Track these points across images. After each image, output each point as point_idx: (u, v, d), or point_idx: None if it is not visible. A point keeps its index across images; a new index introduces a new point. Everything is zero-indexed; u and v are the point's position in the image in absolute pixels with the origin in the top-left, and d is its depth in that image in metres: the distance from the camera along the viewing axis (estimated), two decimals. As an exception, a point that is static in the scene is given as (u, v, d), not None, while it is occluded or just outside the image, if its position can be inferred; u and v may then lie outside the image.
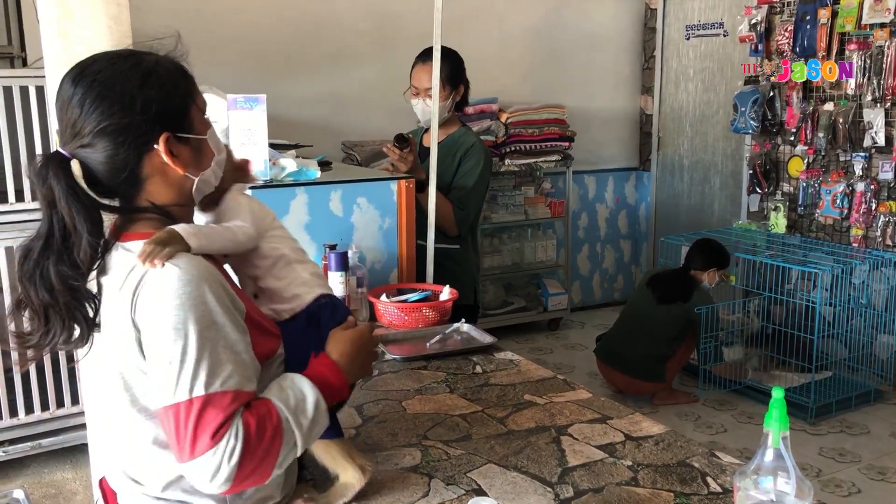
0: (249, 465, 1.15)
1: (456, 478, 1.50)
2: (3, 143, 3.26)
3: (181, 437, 1.13)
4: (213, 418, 1.12)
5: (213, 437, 1.12)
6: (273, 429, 1.18)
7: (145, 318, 1.17)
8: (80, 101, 1.19)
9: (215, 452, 1.12)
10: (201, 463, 1.12)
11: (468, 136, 3.04)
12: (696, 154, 5.59)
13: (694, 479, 1.49)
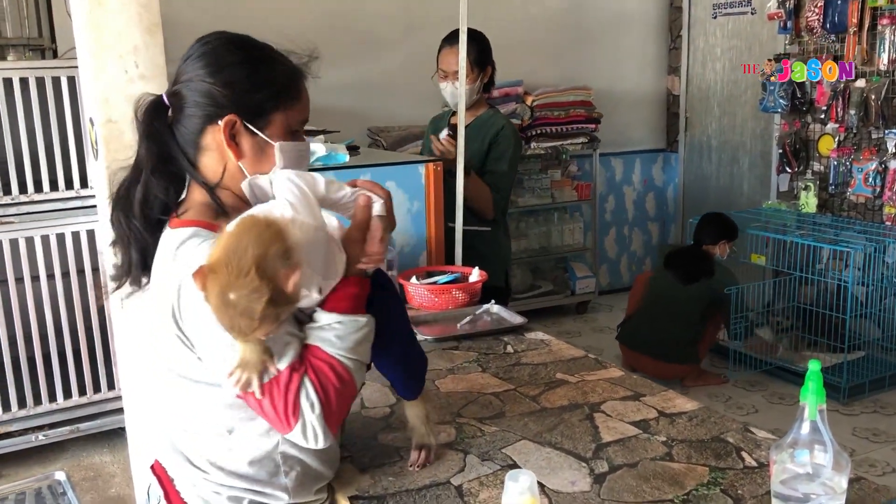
0: (331, 408, 1.18)
1: (491, 454, 1.52)
2: (36, 133, 3.31)
3: (264, 414, 1.19)
4: (278, 397, 1.16)
5: (295, 413, 1.16)
6: (328, 365, 1.19)
7: (189, 315, 1.19)
8: (188, 56, 1.30)
9: (301, 422, 1.17)
10: (297, 434, 1.18)
11: (497, 119, 3.05)
12: (725, 134, 5.54)
13: (729, 454, 1.50)
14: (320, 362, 1.20)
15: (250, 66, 1.29)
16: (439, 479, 1.43)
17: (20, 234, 3.30)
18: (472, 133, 2.91)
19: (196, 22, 3.88)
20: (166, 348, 1.26)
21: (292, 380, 1.17)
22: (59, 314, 3.43)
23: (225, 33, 1.33)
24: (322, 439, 1.20)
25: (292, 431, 1.18)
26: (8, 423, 3.38)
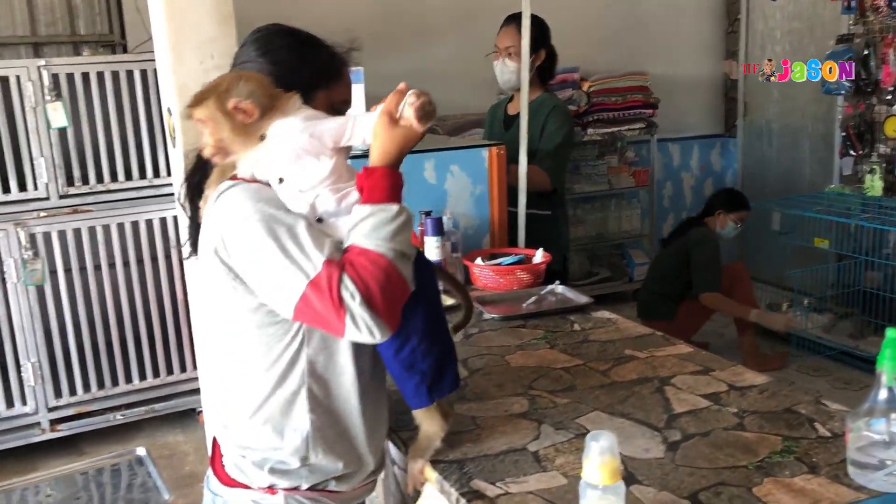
0: (374, 299, 1.20)
1: (564, 423, 1.56)
2: (111, 125, 3.45)
3: (321, 321, 1.22)
4: (323, 294, 1.19)
5: (341, 306, 1.19)
6: (365, 256, 1.22)
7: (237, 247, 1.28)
8: (243, 43, 1.46)
9: (348, 314, 1.19)
10: (350, 328, 1.20)
11: (548, 101, 3.13)
12: (785, 118, 5.45)
13: (801, 425, 1.51)
14: (356, 255, 1.23)
15: (296, 48, 1.42)
16: (515, 445, 1.48)
17: (97, 222, 3.45)
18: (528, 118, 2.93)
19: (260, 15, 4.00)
20: (218, 297, 1.35)
21: (331, 275, 1.20)
22: (134, 300, 3.57)
23: (276, 24, 1.47)
24: (376, 330, 1.20)
25: (346, 328, 1.20)
26: (88, 403, 3.54)
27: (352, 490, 1.42)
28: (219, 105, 1.29)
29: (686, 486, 1.32)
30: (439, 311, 1.45)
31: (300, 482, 1.36)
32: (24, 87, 3.27)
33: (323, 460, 1.36)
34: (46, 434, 3.49)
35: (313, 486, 1.37)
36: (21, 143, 3.31)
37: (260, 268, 1.25)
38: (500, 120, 3.34)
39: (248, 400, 1.35)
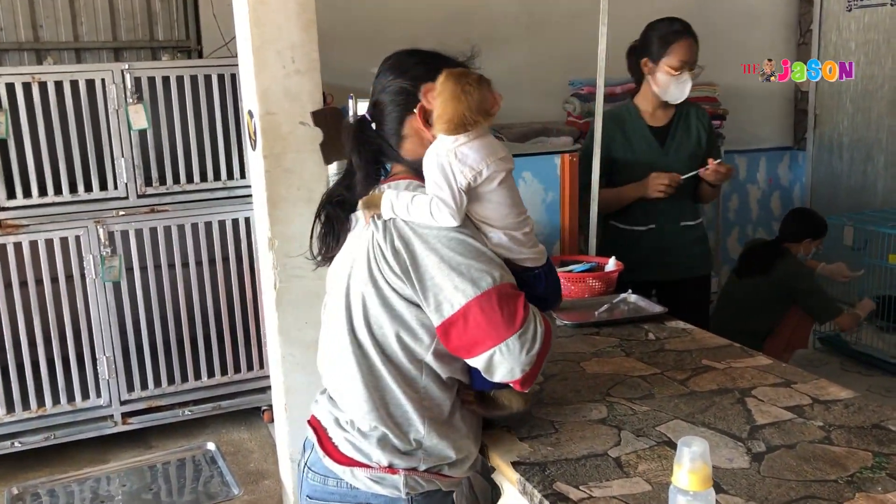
0: (545, 346, 1.38)
1: (645, 430, 1.55)
2: (189, 128, 3.55)
3: (503, 314, 1.33)
4: (519, 295, 1.36)
5: (525, 307, 1.35)
6: (548, 324, 1.41)
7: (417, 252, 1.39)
8: (377, 74, 1.57)
9: (530, 321, 1.35)
10: (523, 334, 1.34)
11: (695, 106, 3.10)
12: (858, 132, 5.32)
13: (892, 441, 1.48)
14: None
15: (429, 62, 1.52)
16: (596, 450, 1.48)
17: (173, 221, 3.55)
18: (682, 130, 2.92)
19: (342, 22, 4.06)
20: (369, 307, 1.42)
21: (520, 295, 1.37)
22: (205, 298, 3.66)
23: (401, 50, 1.60)
24: (534, 353, 1.34)
25: (518, 331, 1.33)
26: (158, 398, 3.63)
27: (461, 476, 1.51)
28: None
29: (774, 497, 1.30)
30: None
31: (417, 464, 1.44)
32: (108, 89, 3.38)
33: (438, 445, 1.45)
34: (118, 427, 3.59)
35: (429, 468, 1.45)
36: (103, 143, 3.43)
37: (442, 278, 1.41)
38: (641, 135, 2.90)
39: (373, 383, 1.43)
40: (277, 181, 2.51)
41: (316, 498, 1.48)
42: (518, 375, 1.36)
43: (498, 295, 1.34)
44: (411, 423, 1.43)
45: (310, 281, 2.51)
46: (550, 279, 1.53)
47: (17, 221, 3.35)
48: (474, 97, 1.42)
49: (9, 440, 3.44)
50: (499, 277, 1.36)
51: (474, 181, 1.41)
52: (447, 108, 1.42)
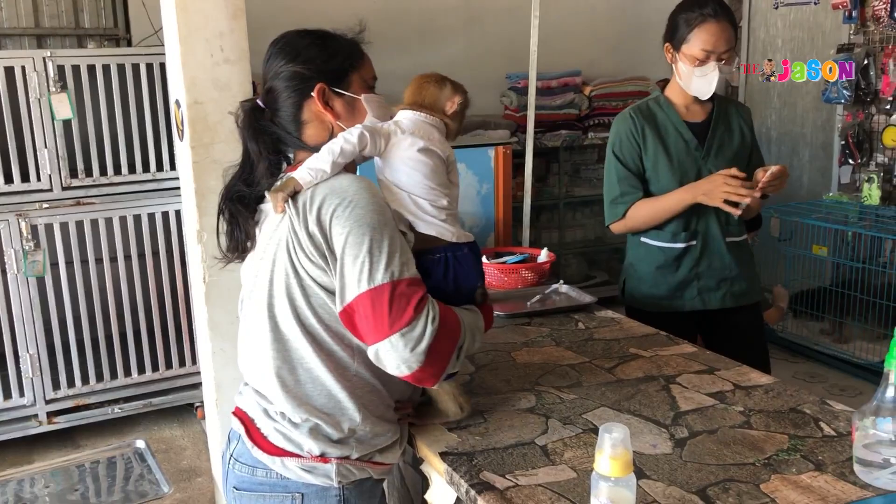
0: (440, 344, 1.34)
1: (572, 418, 1.57)
2: (116, 118, 3.45)
3: (391, 311, 1.31)
4: (415, 293, 1.33)
5: (417, 307, 1.32)
6: (454, 321, 1.39)
7: (329, 226, 1.36)
8: (266, 59, 1.52)
9: (418, 320, 1.31)
10: (407, 332, 1.31)
11: (731, 101, 2.60)
12: (785, 125, 5.48)
13: (807, 424, 1.53)
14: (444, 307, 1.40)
15: (320, 43, 1.50)
16: (524, 439, 1.49)
17: (100, 214, 3.45)
18: (723, 126, 2.39)
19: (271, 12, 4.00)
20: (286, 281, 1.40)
21: (416, 294, 1.34)
22: (135, 293, 3.57)
23: (288, 31, 1.54)
24: (420, 350, 1.31)
25: (401, 329, 1.30)
26: (86, 396, 3.53)
27: (392, 462, 1.50)
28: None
29: (695, 481, 1.33)
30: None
31: (350, 452, 1.43)
32: (29, 77, 3.27)
33: (371, 432, 1.44)
34: (44, 426, 3.48)
35: (361, 456, 1.44)
36: (25, 133, 3.31)
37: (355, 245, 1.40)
38: (677, 132, 2.36)
39: (303, 375, 1.42)
40: (206, 172, 2.46)
41: (243, 489, 1.46)
42: (406, 372, 1.34)
43: (391, 291, 1.32)
44: (344, 412, 1.41)
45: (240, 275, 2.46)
46: (458, 272, 1.49)
47: (-67, 215, 3.21)
48: (430, 91, 1.57)
49: (-74, 442, 3.31)
50: (398, 273, 1.33)
51: (399, 133, 1.50)
52: (406, 98, 1.58)
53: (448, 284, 1.48)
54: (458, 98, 1.60)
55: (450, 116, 1.60)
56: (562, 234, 5.18)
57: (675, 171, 2.31)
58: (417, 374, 1.34)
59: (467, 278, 1.51)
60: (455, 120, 1.62)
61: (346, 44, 1.52)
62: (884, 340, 4.14)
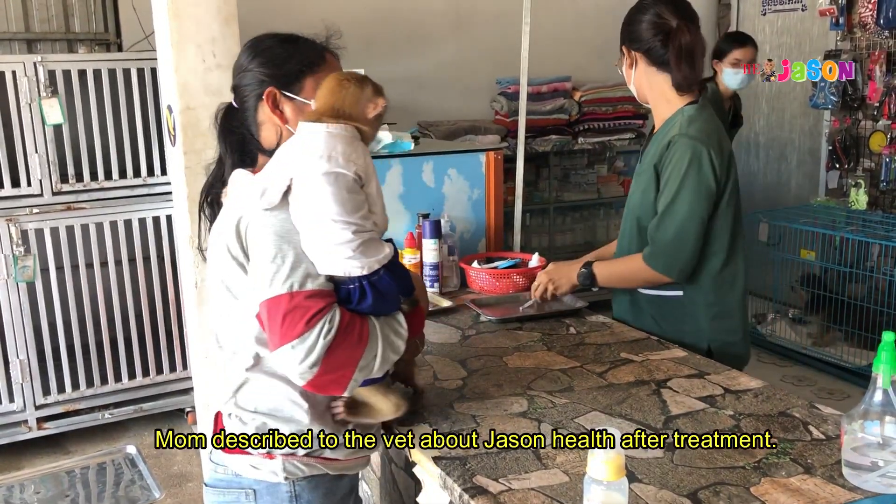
0: (336, 355, 1.32)
1: (563, 423, 1.58)
2: (107, 123, 3.44)
3: (283, 322, 1.30)
4: (312, 307, 1.31)
5: (310, 321, 1.30)
6: (361, 327, 1.36)
7: (246, 234, 1.38)
8: (238, 60, 1.55)
9: (310, 334, 1.29)
10: (298, 345, 1.30)
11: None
12: (773, 131, 5.52)
13: (796, 427, 1.54)
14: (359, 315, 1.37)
15: (278, 46, 1.52)
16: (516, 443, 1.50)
17: (91, 219, 3.44)
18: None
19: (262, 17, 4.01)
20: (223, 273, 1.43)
21: (313, 308, 1.31)
22: (125, 299, 3.56)
23: (262, 34, 1.56)
24: (310, 363, 1.30)
25: (292, 342, 1.29)
26: (76, 402, 3.52)
27: (346, 459, 1.49)
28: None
29: (686, 484, 1.34)
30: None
31: (296, 448, 1.43)
32: (19, 82, 3.26)
33: (319, 430, 1.43)
34: (33, 432, 3.47)
35: (309, 452, 1.44)
36: (15, 138, 3.30)
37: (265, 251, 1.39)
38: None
39: (248, 372, 1.44)
40: (198, 177, 2.44)
41: (211, 486, 1.50)
42: (300, 382, 1.34)
43: (287, 302, 1.31)
44: (291, 410, 1.43)
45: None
46: (376, 297, 1.38)
47: (-78, 220, 3.20)
48: (350, 92, 1.40)
49: (-85, 448, 3.29)
50: (298, 284, 1.32)
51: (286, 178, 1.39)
52: (319, 99, 1.42)
53: (368, 308, 1.39)
54: (382, 100, 1.44)
55: (369, 122, 1.43)
56: (552, 239, 5.20)
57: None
58: (314, 385, 1.34)
59: (387, 303, 1.42)
60: (373, 126, 1.46)
61: (306, 48, 1.52)
62: (871, 344, 4.17)
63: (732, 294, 2.08)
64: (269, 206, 1.37)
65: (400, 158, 2.56)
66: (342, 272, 1.35)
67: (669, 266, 2.00)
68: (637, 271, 2.06)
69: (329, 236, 1.33)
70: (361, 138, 1.42)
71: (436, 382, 1.80)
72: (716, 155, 1.96)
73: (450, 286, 2.54)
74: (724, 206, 2.01)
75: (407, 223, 2.57)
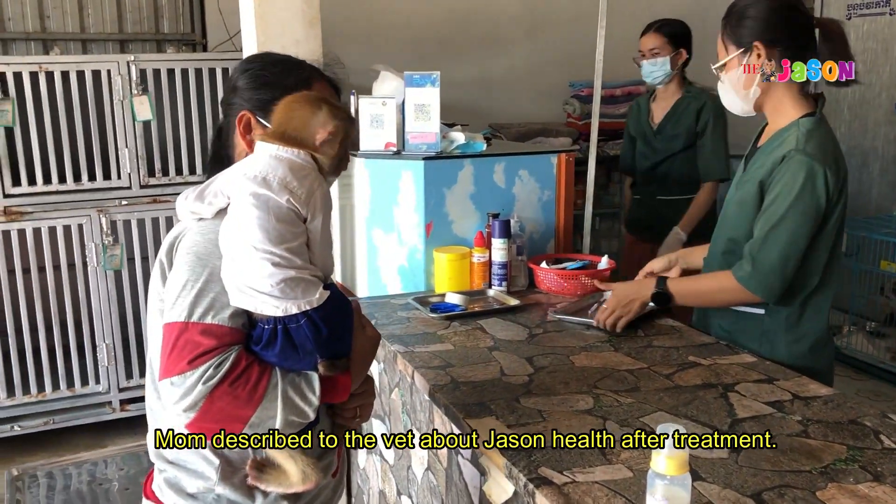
0: (219, 406, 1.18)
1: (629, 421, 1.60)
2: (192, 120, 3.60)
3: (171, 354, 1.19)
4: (201, 345, 1.19)
5: (193, 362, 1.17)
6: (258, 381, 1.20)
7: (174, 255, 1.31)
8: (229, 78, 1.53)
9: (192, 374, 1.16)
10: (178, 382, 1.17)
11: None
12: (855, 139, 5.37)
13: (867, 436, 1.53)
14: (263, 365, 1.23)
15: (258, 71, 1.47)
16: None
17: (174, 212, 3.58)
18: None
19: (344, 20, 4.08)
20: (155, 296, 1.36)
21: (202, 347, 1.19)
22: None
23: (258, 53, 1.57)
24: (185, 406, 1.17)
25: (170, 378, 1.18)
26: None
27: None
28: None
29: (750, 485, 1.35)
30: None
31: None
32: (113, 80, 3.44)
33: (230, 493, 1.34)
34: (116, 413, 3.65)
35: None
36: (108, 133, 3.48)
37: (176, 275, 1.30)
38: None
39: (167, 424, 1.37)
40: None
41: None
42: (180, 423, 1.21)
43: (179, 333, 1.19)
44: (201, 466, 1.34)
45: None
46: (286, 348, 1.22)
47: (21, 209, 3.40)
48: (298, 115, 1.29)
49: (9, 424, 3.50)
50: (198, 316, 1.20)
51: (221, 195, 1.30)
52: (273, 121, 1.33)
53: (273, 358, 1.24)
54: (333, 125, 1.29)
55: (320, 148, 1.29)
56: (622, 242, 5.17)
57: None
58: (192, 429, 1.21)
59: (296, 358, 1.25)
60: (327, 154, 1.30)
61: (292, 72, 1.45)
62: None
63: (818, 319, 2.00)
64: (197, 214, 1.30)
65: (472, 159, 2.61)
66: (254, 308, 1.21)
67: (769, 290, 1.91)
68: (726, 291, 1.98)
69: (247, 265, 1.20)
70: (319, 168, 1.30)
71: (503, 378, 1.85)
72: (831, 175, 1.87)
73: (517, 285, 2.58)
74: (830, 227, 1.93)
75: (477, 222, 2.61)
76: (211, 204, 1.29)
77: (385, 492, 2.47)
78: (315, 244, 1.27)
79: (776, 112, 2.02)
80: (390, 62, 4.08)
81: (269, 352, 1.22)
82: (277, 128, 1.30)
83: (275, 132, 1.30)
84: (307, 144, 1.28)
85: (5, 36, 3.97)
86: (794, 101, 1.99)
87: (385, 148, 2.62)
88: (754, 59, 1.97)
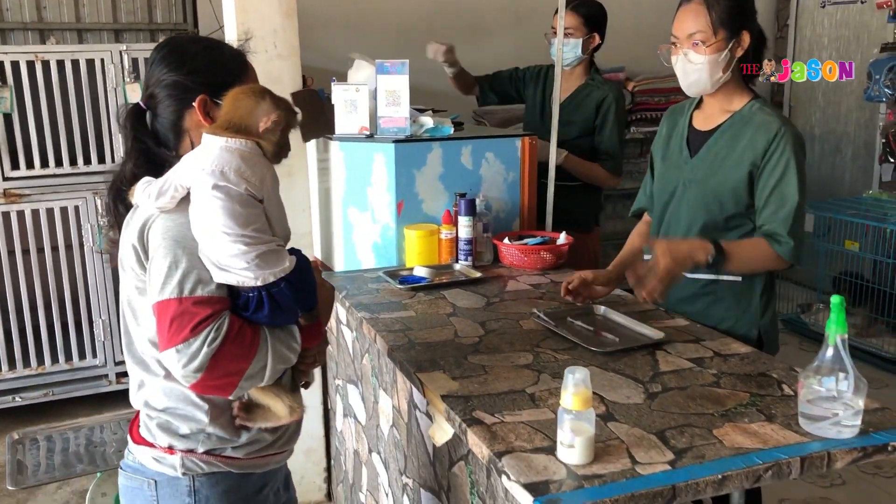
0: (222, 363, 1.34)
1: (561, 373, 1.76)
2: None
3: (171, 326, 1.33)
4: (199, 313, 1.33)
5: (196, 328, 1.32)
6: (252, 338, 1.38)
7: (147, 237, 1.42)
8: (150, 63, 1.56)
9: (196, 340, 1.31)
10: (182, 349, 1.32)
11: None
12: (828, 124, 5.54)
13: (770, 385, 1.71)
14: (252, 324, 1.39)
15: (207, 54, 1.54)
16: (516, 388, 1.71)
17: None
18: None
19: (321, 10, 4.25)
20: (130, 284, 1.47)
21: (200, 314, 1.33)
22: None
23: (174, 37, 1.64)
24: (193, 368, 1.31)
25: (175, 346, 1.32)
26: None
27: (246, 458, 1.54)
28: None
29: (656, 425, 1.53)
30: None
31: (196, 446, 1.49)
32: (107, 69, 3.62)
33: (220, 432, 1.49)
34: (113, 385, 3.84)
35: (209, 450, 1.50)
36: (102, 119, 3.67)
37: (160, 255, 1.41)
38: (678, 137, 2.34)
39: (156, 367, 1.48)
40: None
41: (123, 470, 1.58)
42: (186, 384, 1.37)
43: (175, 307, 1.33)
44: (191, 411, 1.47)
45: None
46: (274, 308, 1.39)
47: (20, 191, 3.59)
48: (243, 105, 1.41)
49: (10, 395, 3.70)
50: (188, 290, 1.34)
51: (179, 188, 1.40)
52: (220, 112, 1.43)
53: (264, 319, 1.41)
54: (276, 115, 1.42)
55: (264, 135, 1.42)
56: (602, 226, 5.34)
57: (660, 182, 2.32)
58: (199, 388, 1.38)
59: (284, 315, 1.43)
60: (270, 140, 1.43)
61: (232, 55, 1.57)
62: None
63: (774, 280, 2.23)
64: (163, 209, 1.40)
65: (440, 142, 2.78)
66: (237, 282, 1.36)
67: (799, 259, 2.06)
68: (765, 259, 2.07)
69: (222, 248, 1.34)
70: (264, 154, 1.44)
71: (455, 339, 2.03)
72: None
73: (483, 260, 2.76)
74: None
75: (446, 202, 2.79)
76: (173, 197, 1.40)
77: (359, 451, 2.67)
78: (273, 218, 1.45)
79: (729, 97, 2.19)
80: (377, 51, 4.24)
81: (260, 314, 1.39)
82: (224, 118, 1.42)
83: (221, 123, 1.42)
84: (251, 132, 1.41)
85: (3, 26, 4.15)
86: (743, 88, 2.20)
87: (359, 132, 2.79)
88: (739, 46, 2.12)
